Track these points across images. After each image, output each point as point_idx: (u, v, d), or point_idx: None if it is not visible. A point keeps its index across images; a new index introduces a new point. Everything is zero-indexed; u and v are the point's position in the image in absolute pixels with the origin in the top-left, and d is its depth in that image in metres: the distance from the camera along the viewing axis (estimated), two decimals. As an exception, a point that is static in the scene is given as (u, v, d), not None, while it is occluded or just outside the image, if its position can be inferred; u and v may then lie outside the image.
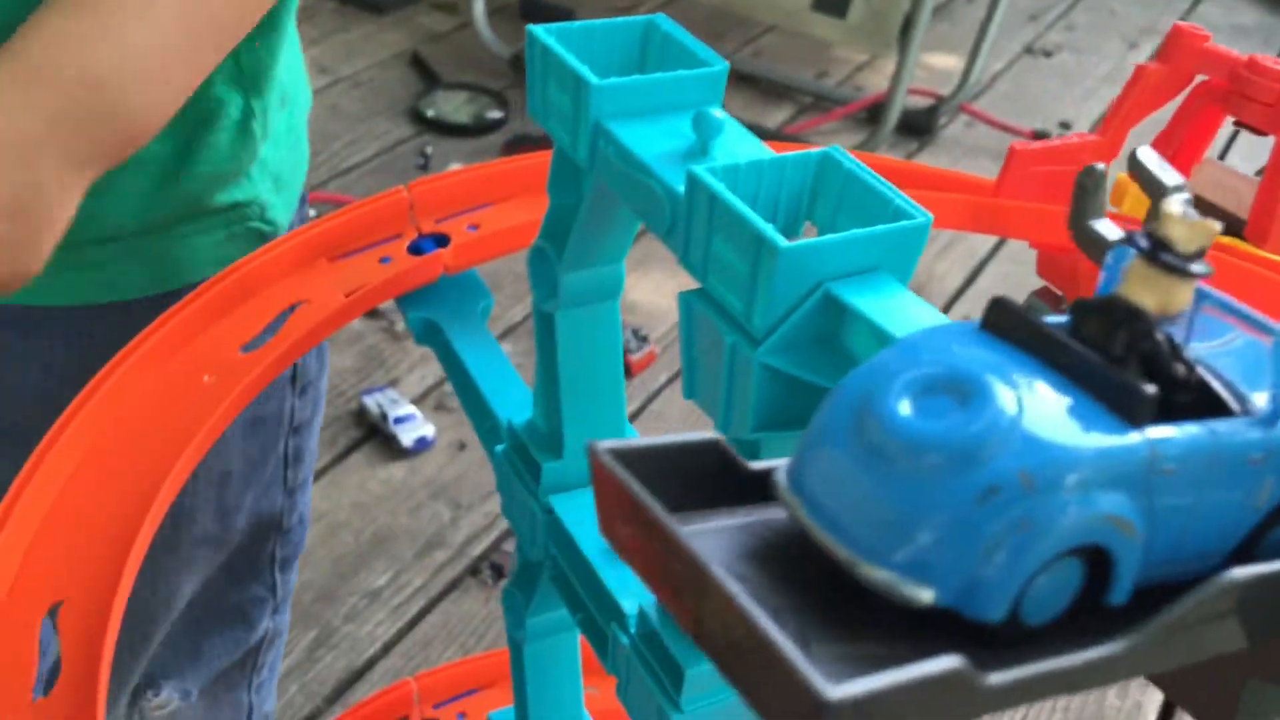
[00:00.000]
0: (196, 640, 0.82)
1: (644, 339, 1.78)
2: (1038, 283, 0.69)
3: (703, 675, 0.44)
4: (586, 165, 0.44)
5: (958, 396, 0.26)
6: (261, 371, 0.55)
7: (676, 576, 0.25)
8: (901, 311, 0.36)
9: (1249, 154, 2.07)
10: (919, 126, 2.40)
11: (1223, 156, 2.09)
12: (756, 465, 0.30)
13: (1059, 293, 0.67)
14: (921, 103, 2.45)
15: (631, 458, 0.28)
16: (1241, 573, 0.27)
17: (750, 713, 0.25)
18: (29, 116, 0.50)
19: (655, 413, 1.72)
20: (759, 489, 0.30)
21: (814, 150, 0.40)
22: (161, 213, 0.67)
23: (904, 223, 0.37)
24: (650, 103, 0.43)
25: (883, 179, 0.39)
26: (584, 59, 0.44)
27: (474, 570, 1.47)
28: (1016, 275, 2.01)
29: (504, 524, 1.50)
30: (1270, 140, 0.67)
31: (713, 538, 0.29)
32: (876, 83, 2.55)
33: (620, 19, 0.46)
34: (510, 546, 1.49)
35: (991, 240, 2.06)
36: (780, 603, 0.27)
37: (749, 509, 0.30)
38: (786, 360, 0.37)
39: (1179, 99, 0.70)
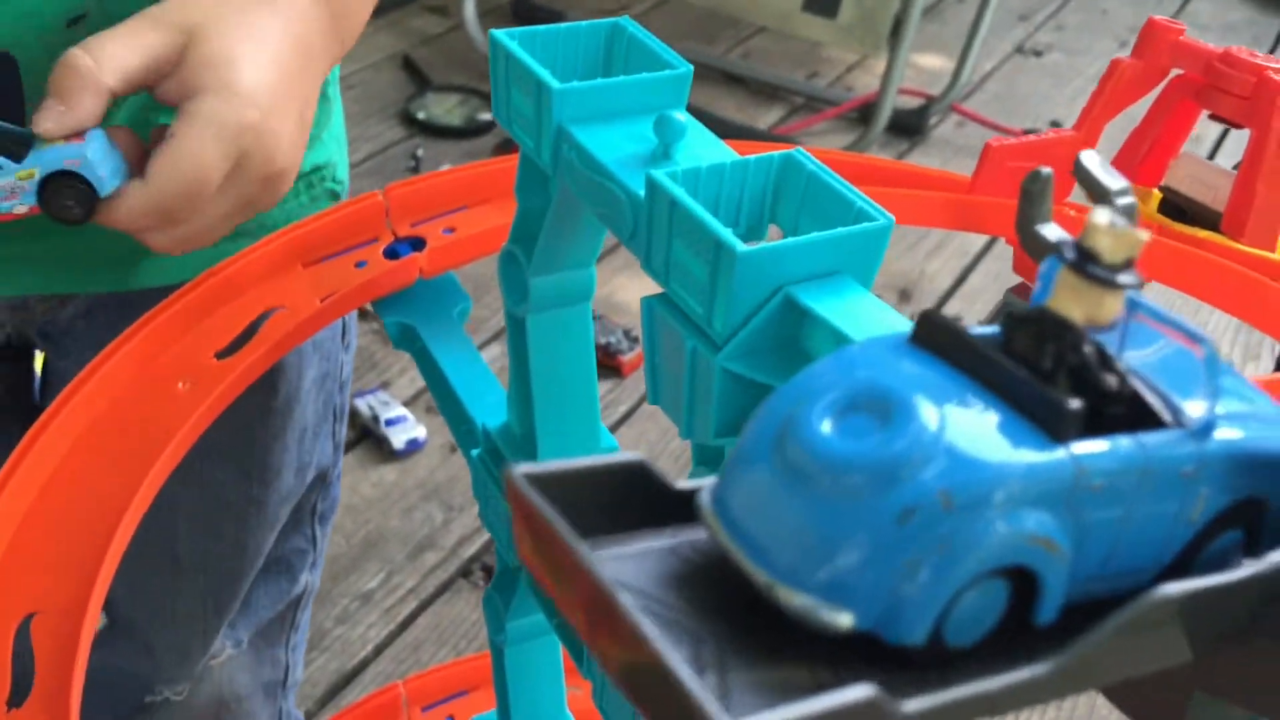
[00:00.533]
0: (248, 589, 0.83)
1: (635, 340, 1.78)
2: (1028, 282, 0.69)
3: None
4: (550, 170, 0.44)
5: (879, 415, 0.26)
6: (235, 378, 0.55)
7: (586, 602, 0.24)
8: (862, 315, 0.36)
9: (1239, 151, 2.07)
10: (910, 127, 2.40)
11: (1213, 154, 2.09)
12: (683, 485, 0.29)
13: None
14: (912, 103, 2.44)
15: (551, 481, 0.27)
16: (1171, 589, 0.26)
17: None
18: (322, 32, 0.59)
19: (647, 413, 1.71)
20: (688, 509, 0.29)
21: (776, 152, 0.40)
22: None
23: (865, 225, 0.37)
24: (613, 106, 0.43)
25: (845, 181, 0.39)
26: (548, 64, 0.44)
27: (465, 572, 1.47)
28: (1007, 274, 2.00)
29: (495, 527, 1.50)
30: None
31: (634, 562, 0.28)
32: (867, 83, 2.55)
33: (585, 22, 0.46)
34: (501, 549, 1.48)
35: (982, 239, 2.05)
36: (700, 628, 0.26)
37: (676, 530, 0.29)
38: (747, 365, 0.37)
39: (1155, 93, 0.70)
